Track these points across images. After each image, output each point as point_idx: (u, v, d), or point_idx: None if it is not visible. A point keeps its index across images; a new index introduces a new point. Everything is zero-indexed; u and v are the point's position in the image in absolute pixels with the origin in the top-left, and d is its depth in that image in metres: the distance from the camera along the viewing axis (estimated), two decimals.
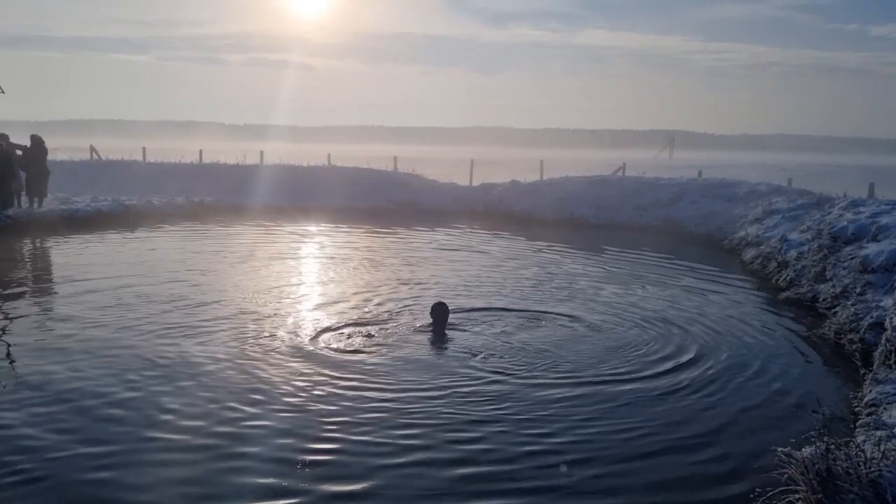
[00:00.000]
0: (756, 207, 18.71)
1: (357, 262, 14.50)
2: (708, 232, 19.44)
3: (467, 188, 26.33)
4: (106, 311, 9.71)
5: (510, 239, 18.59)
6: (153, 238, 17.29)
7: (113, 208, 20.25)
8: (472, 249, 16.66)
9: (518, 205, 23.58)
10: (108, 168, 27.34)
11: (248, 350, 8.05)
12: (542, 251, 16.59)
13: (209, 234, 18.10)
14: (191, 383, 7.00)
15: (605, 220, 21.95)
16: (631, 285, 12.44)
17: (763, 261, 14.31)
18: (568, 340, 8.68)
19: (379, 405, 6.50)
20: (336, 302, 10.60)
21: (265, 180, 25.39)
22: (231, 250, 15.67)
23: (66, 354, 7.84)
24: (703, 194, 21.91)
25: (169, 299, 10.49)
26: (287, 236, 18.27)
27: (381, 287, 11.70)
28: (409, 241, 17.91)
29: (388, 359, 7.80)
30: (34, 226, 17.57)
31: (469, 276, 13.13)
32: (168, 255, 14.84)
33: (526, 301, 10.85)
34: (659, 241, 18.27)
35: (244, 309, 9.98)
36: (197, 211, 22.20)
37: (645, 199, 22.56)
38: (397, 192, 25.17)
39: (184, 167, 27.69)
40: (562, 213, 22.59)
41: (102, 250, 15.32)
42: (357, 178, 26.03)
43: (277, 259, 14.65)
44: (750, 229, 17.04)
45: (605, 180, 24.76)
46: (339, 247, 16.70)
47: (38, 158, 19.22)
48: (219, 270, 13.17)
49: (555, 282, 12.58)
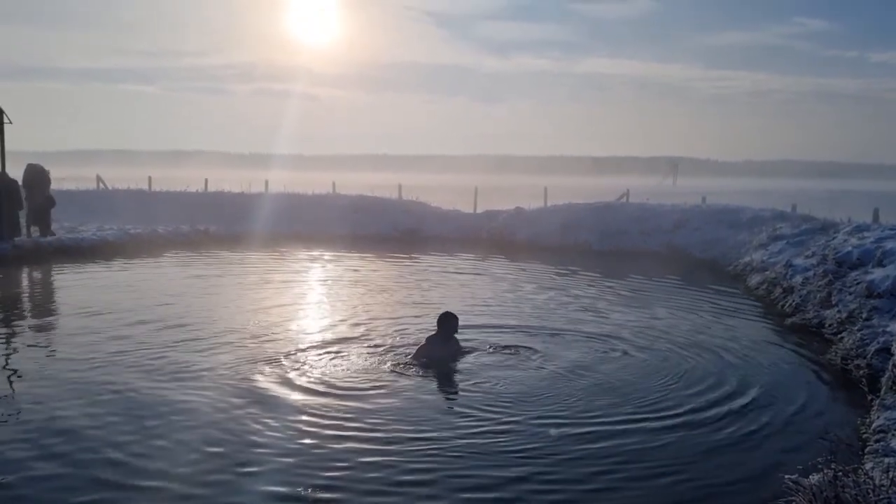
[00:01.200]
0: (760, 233, 18.70)
1: (363, 288, 14.50)
2: (712, 257, 19.42)
3: (471, 215, 26.37)
4: (104, 343, 9.65)
5: (516, 265, 18.57)
6: (158, 267, 17.33)
7: (118, 237, 20.32)
8: (480, 274, 16.65)
9: (522, 231, 23.60)
10: (113, 197, 27.51)
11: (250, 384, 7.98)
12: (551, 276, 16.59)
13: (213, 263, 18.12)
14: (185, 422, 6.93)
15: (609, 246, 21.95)
16: (637, 311, 12.40)
17: (768, 286, 14.26)
18: (585, 367, 8.64)
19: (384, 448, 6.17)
20: (342, 329, 10.56)
21: (270, 209, 25.49)
22: (235, 279, 15.69)
23: (59, 387, 7.76)
24: (706, 220, 21.92)
25: (170, 330, 10.46)
26: (291, 264, 18.28)
27: (387, 312, 11.68)
28: (415, 267, 17.90)
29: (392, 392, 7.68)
30: (40, 255, 17.64)
31: (481, 300, 13.16)
32: (172, 285, 14.85)
33: (543, 323, 10.84)
34: (664, 267, 18.24)
35: (247, 338, 9.96)
36: (202, 239, 22.26)
37: (649, 225, 22.57)
38: (402, 220, 25.23)
39: (189, 196, 27.83)
40: (566, 240, 22.60)
41: (107, 279, 15.36)
42: (361, 206, 26.12)
43: (282, 287, 14.65)
44: (755, 255, 17.01)
45: (609, 206, 24.78)
46: (343, 274, 16.71)
47: (41, 188, 19.40)
48: (222, 299, 13.17)
49: (569, 307, 12.57)
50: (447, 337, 8.85)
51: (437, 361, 8.52)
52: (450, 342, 8.85)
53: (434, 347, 8.68)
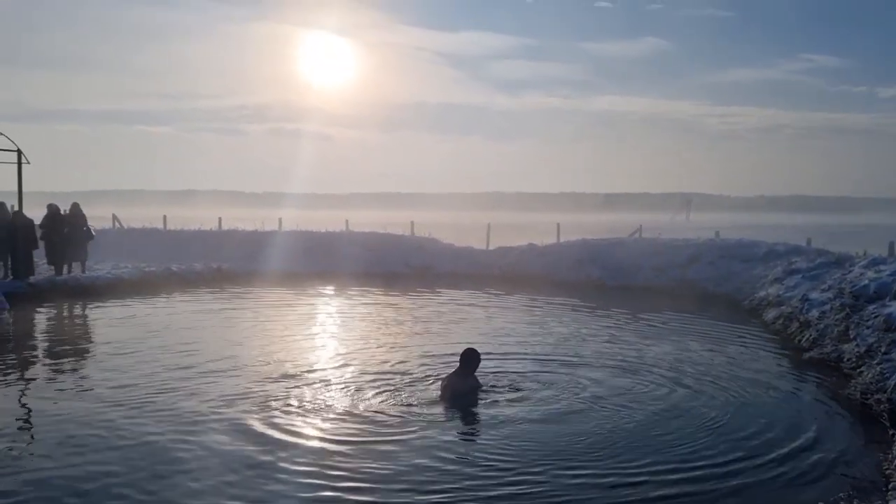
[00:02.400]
0: (775, 267, 18.59)
1: (378, 324, 14.50)
2: (727, 292, 19.29)
3: (484, 252, 26.36)
4: (119, 381, 9.68)
5: (530, 300, 18.51)
6: (172, 305, 17.39)
7: (133, 275, 20.44)
8: (496, 309, 16.61)
9: (535, 267, 23.55)
10: (129, 236, 27.69)
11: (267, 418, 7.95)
12: (567, 311, 16.54)
13: (227, 301, 18.17)
14: (198, 462, 6.92)
15: (622, 281, 21.84)
16: (654, 347, 12.31)
17: (784, 321, 14.13)
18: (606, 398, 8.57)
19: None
20: (360, 365, 10.54)
21: (283, 246, 25.59)
22: (249, 316, 15.71)
23: (70, 427, 7.79)
24: (720, 255, 21.81)
25: (183, 368, 10.47)
26: (306, 301, 18.30)
27: (404, 349, 11.65)
28: (429, 303, 17.88)
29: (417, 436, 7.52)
30: (56, 293, 17.76)
31: (501, 333, 13.16)
32: (186, 322, 14.88)
33: (563, 356, 10.77)
34: (678, 302, 18.13)
35: (264, 377, 9.94)
36: (216, 277, 22.36)
37: (662, 260, 22.48)
38: (414, 257, 25.25)
39: (203, 234, 27.98)
40: (579, 276, 22.53)
41: (122, 317, 15.41)
42: (374, 244, 26.18)
43: (297, 324, 14.66)
44: (770, 289, 16.88)
45: (622, 242, 24.73)
46: (357, 310, 16.71)
47: (80, 223, 19.77)
48: (237, 337, 13.18)
49: (588, 341, 12.51)
50: (468, 373, 8.87)
51: (460, 396, 8.53)
52: (469, 378, 8.86)
53: (456, 382, 8.70)
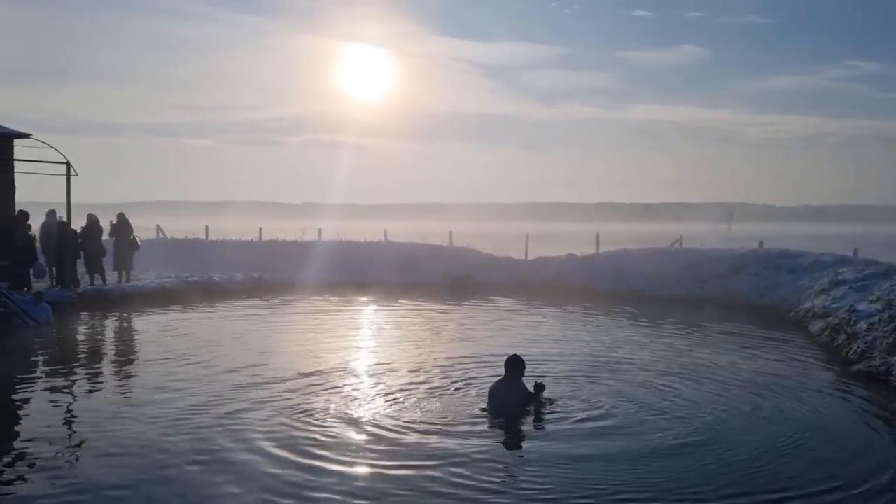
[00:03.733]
0: (822, 278, 18.19)
1: (419, 333, 14.53)
2: (772, 303, 18.92)
3: (523, 262, 26.25)
4: (166, 386, 9.81)
5: (571, 310, 18.38)
6: (214, 314, 17.62)
7: (176, 285, 20.76)
8: (537, 318, 16.52)
9: (574, 278, 23.37)
10: (172, 246, 28.10)
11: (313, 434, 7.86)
12: (613, 322, 16.43)
13: (268, 310, 18.36)
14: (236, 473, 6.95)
15: (663, 292, 21.54)
16: (696, 357, 12.13)
17: (831, 333, 13.80)
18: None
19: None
20: (405, 374, 10.55)
21: (323, 256, 25.75)
22: (290, 325, 15.85)
23: (119, 436, 7.88)
24: (765, 265, 21.41)
25: (227, 374, 10.59)
26: (346, 310, 18.41)
27: (448, 356, 11.63)
28: (470, 312, 17.85)
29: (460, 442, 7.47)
30: (102, 302, 18.10)
31: (546, 343, 13.11)
32: (228, 332, 15.07)
33: (608, 365, 10.67)
34: (722, 313, 17.84)
35: (309, 385, 9.97)
36: (257, 287, 22.60)
37: (704, 271, 22.13)
38: (453, 267, 25.23)
39: (244, 244, 28.31)
40: (619, 287, 22.28)
41: (166, 326, 15.65)
42: (413, 254, 26.23)
43: (339, 333, 14.76)
44: (816, 301, 16.52)
45: (663, 252, 24.42)
46: (397, 320, 16.77)
47: (126, 233, 20.14)
48: (280, 345, 13.31)
49: (632, 350, 12.37)
50: (515, 381, 8.64)
51: (508, 406, 8.35)
52: (518, 386, 8.64)
53: (504, 392, 8.48)
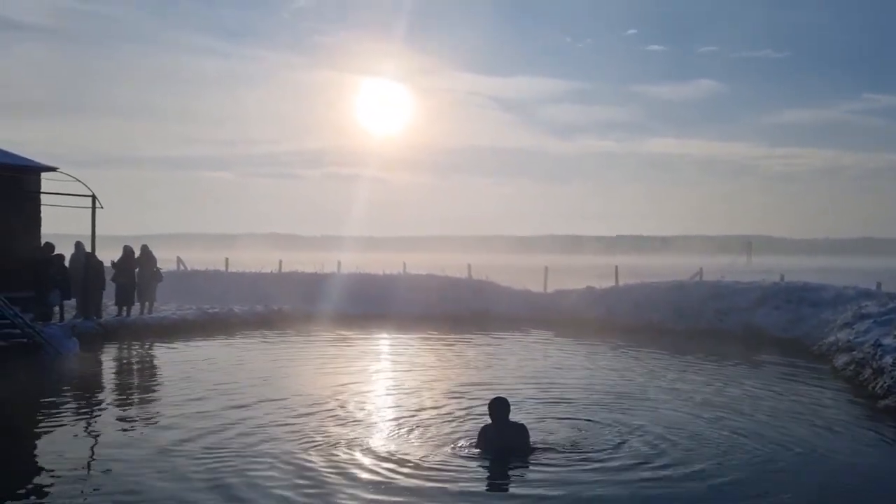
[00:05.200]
0: (845, 312, 18.00)
1: (432, 369, 14.49)
2: (795, 337, 18.72)
3: (542, 295, 26.20)
4: (185, 417, 9.83)
5: (592, 344, 18.30)
6: (235, 345, 17.70)
7: (197, 316, 20.90)
8: (554, 352, 16.46)
9: (594, 311, 23.28)
10: (192, 278, 28.34)
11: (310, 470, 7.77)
12: (632, 355, 16.35)
13: (288, 342, 18.42)
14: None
15: (683, 325, 21.39)
16: (725, 393, 12.02)
17: (856, 367, 13.63)
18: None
19: None
20: (414, 408, 10.52)
21: (342, 289, 25.79)
22: (308, 358, 15.88)
23: (139, 466, 7.88)
24: (787, 299, 21.19)
25: (245, 406, 10.61)
26: (364, 343, 18.43)
27: (459, 391, 11.59)
28: (487, 345, 17.81)
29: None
30: (123, 333, 18.25)
31: (559, 379, 12.99)
32: (248, 363, 15.13)
33: (626, 401, 10.58)
34: (744, 347, 17.70)
35: (316, 419, 9.97)
36: (276, 319, 22.67)
37: (725, 303, 21.97)
38: (472, 300, 25.22)
39: (264, 276, 28.45)
40: (639, 320, 22.16)
41: (186, 357, 15.74)
42: (432, 286, 26.23)
43: (355, 366, 14.77)
44: (840, 335, 16.33)
45: (683, 285, 24.28)
46: (414, 353, 16.75)
47: (150, 265, 20.42)
48: (295, 378, 13.34)
49: (653, 385, 12.26)
50: (502, 424, 7.97)
51: (499, 450, 7.83)
52: (507, 430, 7.97)
53: (492, 437, 7.93)
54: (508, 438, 7.91)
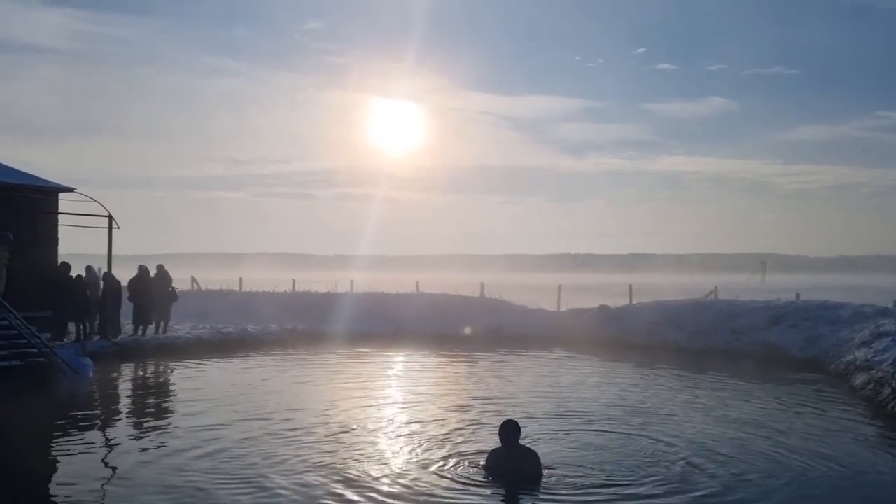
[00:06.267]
0: (862, 330, 17.84)
1: (445, 388, 14.45)
2: (813, 356, 18.54)
3: (556, 313, 26.12)
4: (196, 440, 9.82)
5: (605, 363, 18.22)
6: (249, 365, 17.73)
7: (211, 336, 20.95)
8: (568, 372, 16.37)
9: (609, 330, 23.16)
10: (207, 297, 28.43)
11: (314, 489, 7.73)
12: (649, 375, 16.25)
13: (302, 361, 18.43)
14: None
15: (699, 344, 21.23)
16: (745, 414, 11.91)
17: (875, 386, 13.47)
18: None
19: None
20: (426, 428, 10.48)
21: (356, 308, 25.81)
22: (324, 376, 15.90)
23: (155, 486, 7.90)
24: (803, 317, 21.02)
25: (260, 426, 10.61)
26: (377, 362, 18.41)
27: (472, 412, 11.54)
28: (502, 364, 17.74)
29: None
30: (139, 352, 18.32)
31: (573, 399, 12.92)
32: (262, 382, 15.16)
33: (652, 429, 10.50)
34: (762, 366, 17.56)
35: (328, 438, 9.93)
36: (290, 338, 22.68)
37: (741, 322, 21.82)
38: (486, 318, 25.15)
39: (278, 296, 28.53)
40: (654, 338, 22.03)
41: (201, 376, 15.79)
42: (445, 305, 26.21)
43: (368, 385, 14.75)
44: (858, 353, 16.17)
45: (698, 304, 24.16)
46: (427, 372, 16.73)
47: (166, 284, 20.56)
48: (308, 396, 13.33)
49: (677, 406, 12.17)
50: (511, 449, 7.84)
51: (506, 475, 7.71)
52: (515, 455, 7.82)
53: (499, 462, 7.82)
54: (517, 463, 7.80)
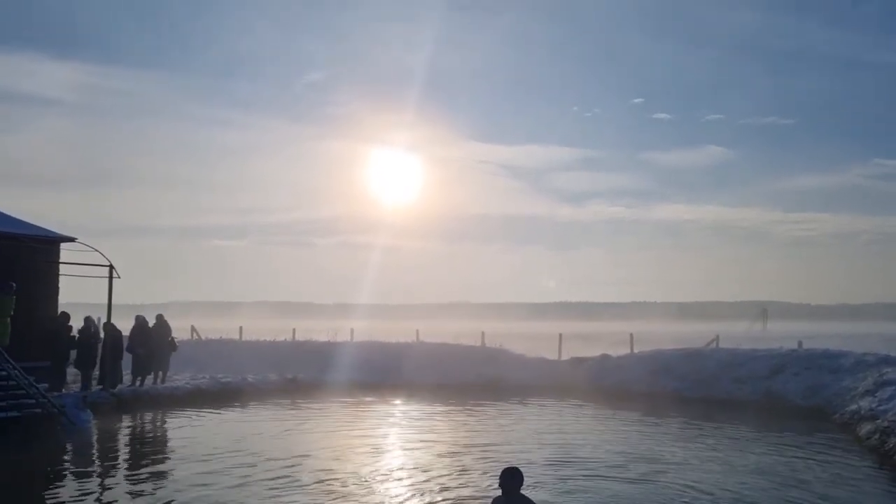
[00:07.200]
0: (865, 379, 17.73)
1: (449, 442, 14.30)
2: (817, 405, 18.38)
3: (556, 362, 25.95)
4: (196, 493, 9.73)
5: (607, 412, 18.07)
6: (248, 416, 17.59)
7: (211, 386, 20.82)
8: (570, 422, 16.25)
9: (610, 378, 23.00)
10: (207, 347, 28.25)
11: None
12: (650, 425, 16.08)
13: (301, 412, 18.30)
14: None
15: (700, 393, 21.06)
16: (748, 466, 11.80)
17: (881, 436, 13.35)
18: None
19: None
20: (420, 482, 10.37)
21: (355, 357, 25.64)
22: (322, 427, 15.77)
23: None
24: (806, 366, 20.88)
25: (258, 478, 10.53)
26: (378, 412, 18.28)
27: (473, 465, 11.43)
28: (501, 416, 17.60)
29: None
30: (138, 403, 18.18)
31: (575, 449, 12.78)
32: (261, 433, 15.02)
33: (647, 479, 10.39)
34: (765, 416, 17.43)
35: (333, 489, 9.87)
36: (290, 388, 22.53)
37: (743, 371, 21.67)
38: (486, 368, 24.97)
39: (278, 345, 28.38)
40: (655, 387, 21.86)
41: (201, 428, 15.65)
42: (445, 355, 26.05)
43: (368, 436, 14.61)
44: (862, 402, 16.06)
45: (699, 353, 24.04)
46: (427, 423, 16.57)
47: (165, 335, 20.43)
48: (309, 447, 13.21)
49: (684, 458, 12.04)
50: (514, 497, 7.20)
51: None
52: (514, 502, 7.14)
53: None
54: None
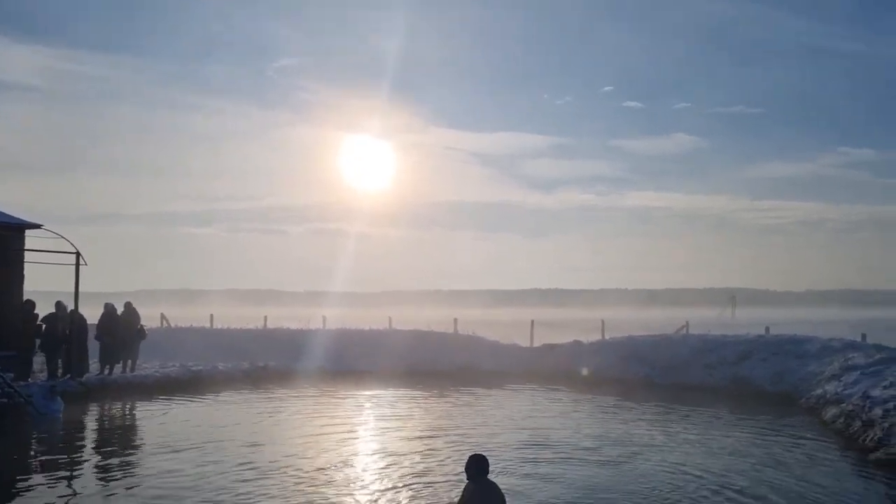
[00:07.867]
0: (831, 364, 18.04)
1: (416, 426, 14.32)
2: (784, 390, 18.69)
3: (529, 349, 26.07)
4: (163, 481, 9.65)
5: (578, 398, 18.20)
6: (218, 404, 17.44)
7: (181, 374, 20.60)
8: (542, 408, 16.33)
9: (582, 365, 23.15)
10: (176, 335, 27.93)
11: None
12: (618, 410, 16.18)
13: (272, 399, 18.18)
14: None
15: (671, 379, 21.30)
16: (715, 450, 11.94)
17: (846, 420, 13.61)
18: None
19: None
20: (395, 468, 10.38)
21: (328, 344, 25.53)
22: (292, 415, 15.70)
23: None
24: (773, 351, 21.21)
25: (227, 466, 10.45)
26: (350, 399, 18.22)
27: (444, 451, 11.45)
28: (473, 403, 17.65)
29: None
30: (106, 391, 17.94)
31: (544, 435, 12.82)
32: (230, 420, 14.91)
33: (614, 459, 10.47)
34: (733, 401, 17.67)
35: (295, 481, 9.82)
36: (261, 376, 22.36)
37: (713, 357, 21.93)
38: (459, 355, 25.01)
39: (249, 333, 28.13)
40: (626, 373, 22.06)
41: (169, 415, 15.49)
42: (418, 342, 26.02)
43: (339, 424, 14.56)
44: (828, 387, 16.35)
45: (670, 339, 24.30)
46: (400, 410, 16.57)
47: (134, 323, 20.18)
48: (281, 435, 13.15)
49: (651, 441, 12.15)
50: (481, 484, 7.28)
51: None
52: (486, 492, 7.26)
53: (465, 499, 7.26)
54: (483, 498, 7.29)
